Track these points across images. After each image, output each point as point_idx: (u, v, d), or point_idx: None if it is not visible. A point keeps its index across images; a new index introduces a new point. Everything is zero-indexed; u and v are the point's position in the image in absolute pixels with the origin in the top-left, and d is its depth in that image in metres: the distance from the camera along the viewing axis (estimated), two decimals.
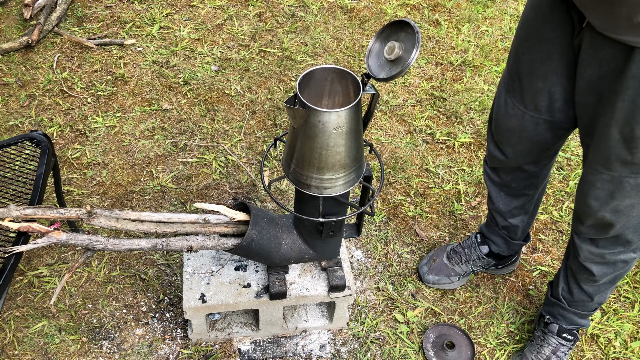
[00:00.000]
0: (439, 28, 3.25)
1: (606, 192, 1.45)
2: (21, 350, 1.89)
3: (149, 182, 2.40)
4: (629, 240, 1.57)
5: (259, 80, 2.88)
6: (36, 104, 2.68)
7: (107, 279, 2.09)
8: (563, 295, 1.82)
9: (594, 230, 1.58)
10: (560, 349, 1.87)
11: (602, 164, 1.42)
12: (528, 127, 1.61)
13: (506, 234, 1.99)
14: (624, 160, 1.37)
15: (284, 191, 2.41)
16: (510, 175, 1.82)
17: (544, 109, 1.54)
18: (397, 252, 2.24)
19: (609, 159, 1.39)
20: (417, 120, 2.74)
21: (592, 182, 1.47)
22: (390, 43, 1.24)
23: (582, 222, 1.59)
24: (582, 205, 1.55)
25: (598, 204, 1.49)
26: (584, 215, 1.56)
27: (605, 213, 1.49)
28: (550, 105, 1.53)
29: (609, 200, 1.46)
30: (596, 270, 1.67)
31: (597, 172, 1.44)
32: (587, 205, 1.52)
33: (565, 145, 2.64)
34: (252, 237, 1.55)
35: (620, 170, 1.39)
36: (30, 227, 1.41)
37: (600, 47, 1.30)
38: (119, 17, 3.17)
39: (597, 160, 1.44)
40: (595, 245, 1.62)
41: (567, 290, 1.80)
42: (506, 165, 1.79)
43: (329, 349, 1.96)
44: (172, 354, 1.91)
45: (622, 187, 1.42)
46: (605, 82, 1.33)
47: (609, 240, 1.59)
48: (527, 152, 1.70)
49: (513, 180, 1.83)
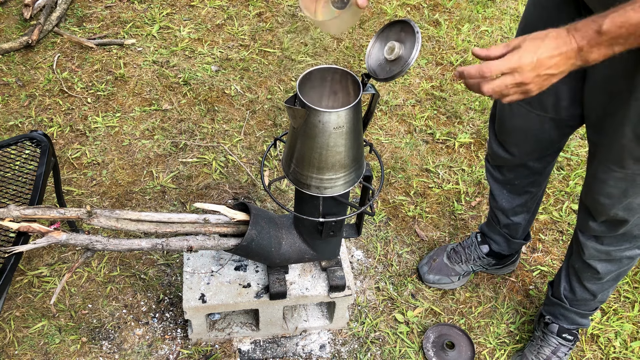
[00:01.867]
0: (439, 28, 3.25)
1: (619, 190, 1.45)
2: (21, 350, 1.89)
3: (149, 182, 2.40)
4: (636, 235, 1.57)
5: (259, 80, 2.88)
6: (36, 104, 2.68)
7: (107, 279, 2.09)
8: (565, 294, 1.82)
9: (606, 227, 1.58)
10: (560, 349, 1.87)
11: (614, 162, 1.42)
12: (534, 125, 1.61)
13: (507, 233, 1.99)
14: (638, 158, 1.37)
15: (284, 191, 2.41)
16: (513, 172, 1.83)
17: (550, 107, 1.55)
18: (397, 252, 2.24)
19: (622, 157, 1.39)
20: (417, 120, 2.74)
21: (603, 180, 1.47)
22: (390, 43, 1.24)
23: (593, 219, 1.59)
24: (593, 204, 1.55)
25: (611, 202, 1.49)
26: (596, 212, 1.56)
27: (618, 211, 1.49)
28: (556, 103, 1.53)
29: (622, 198, 1.46)
30: (601, 268, 1.67)
31: (610, 170, 1.44)
32: (599, 203, 1.52)
33: (565, 145, 2.64)
34: (252, 237, 1.55)
35: (634, 167, 1.39)
36: (30, 227, 1.41)
37: None
38: (119, 17, 3.17)
39: (609, 159, 1.43)
40: (601, 243, 1.62)
41: (569, 290, 1.80)
42: (510, 163, 1.80)
43: (329, 349, 1.96)
44: (172, 354, 1.91)
45: (636, 185, 1.42)
46: (616, 81, 1.33)
47: (616, 237, 1.59)
48: (532, 150, 1.71)
49: (516, 177, 1.83)
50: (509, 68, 1.09)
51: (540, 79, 1.10)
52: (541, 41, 1.08)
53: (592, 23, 1.04)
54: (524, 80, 1.09)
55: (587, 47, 1.05)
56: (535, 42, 1.08)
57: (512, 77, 1.09)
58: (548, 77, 1.10)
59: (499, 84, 1.11)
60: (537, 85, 1.11)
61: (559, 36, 1.07)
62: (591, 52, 1.06)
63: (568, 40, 1.07)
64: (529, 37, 1.10)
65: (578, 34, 1.06)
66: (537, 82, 1.10)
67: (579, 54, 1.07)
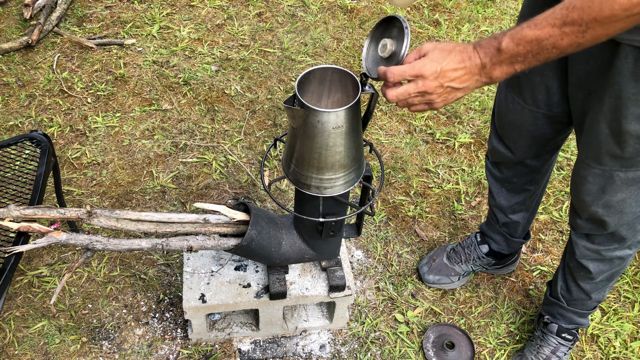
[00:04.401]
0: (439, 28, 3.25)
1: (597, 186, 1.47)
2: (21, 350, 1.89)
3: (149, 182, 2.40)
4: (624, 236, 1.58)
5: (259, 80, 2.88)
6: (36, 104, 2.68)
7: (107, 279, 2.09)
8: (562, 293, 1.83)
9: (590, 225, 1.59)
10: (559, 349, 1.87)
11: (592, 158, 1.44)
12: (527, 121, 1.63)
13: (506, 232, 2.00)
14: (614, 154, 1.38)
15: (284, 191, 2.41)
16: (511, 170, 1.83)
17: (542, 103, 1.56)
18: (397, 252, 2.25)
19: (599, 153, 1.41)
20: (417, 120, 2.74)
21: (584, 177, 1.49)
22: (383, 41, 1.24)
23: (579, 216, 1.61)
24: (577, 200, 1.57)
25: (590, 199, 1.50)
26: (579, 209, 1.58)
27: (597, 208, 1.51)
28: (548, 99, 1.55)
29: (601, 194, 1.48)
30: (592, 267, 1.68)
31: (589, 167, 1.46)
32: (581, 200, 1.54)
33: (565, 145, 2.64)
34: (252, 237, 1.55)
35: (611, 164, 1.41)
36: (30, 227, 1.41)
37: None
38: (119, 17, 3.17)
39: (588, 155, 1.45)
40: (591, 242, 1.63)
41: (566, 289, 1.81)
42: (508, 160, 1.80)
43: (329, 349, 1.96)
44: (172, 354, 1.91)
45: (613, 182, 1.44)
46: (593, 78, 1.35)
47: (605, 236, 1.60)
48: (528, 146, 1.72)
49: (515, 175, 1.84)
50: (411, 75, 1.10)
51: (444, 90, 1.10)
52: (448, 53, 1.08)
53: (494, 40, 1.05)
54: (427, 90, 1.10)
55: (490, 65, 1.06)
56: (442, 53, 1.09)
57: (415, 85, 1.10)
58: (452, 91, 1.11)
59: (403, 91, 1.12)
60: (441, 98, 1.12)
61: (464, 51, 1.08)
62: (494, 69, 1.07)
63: (473, 55, 1.07)
64: (438, 46, 1.10)
65: (482, 50, 1.07)
66: (440, 94, 1.11)
67: (483, 70, 1.08)
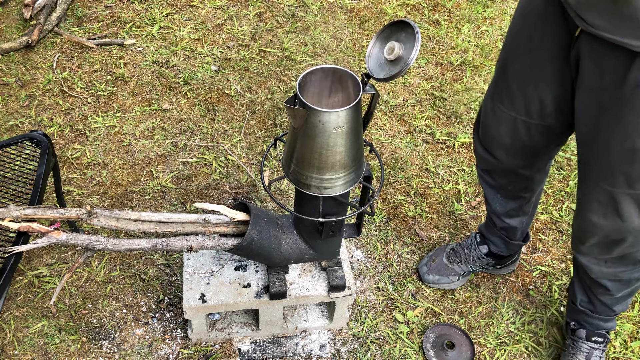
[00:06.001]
0: (439, 28, 3.25)
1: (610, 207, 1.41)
2: (21, 350, 1.89)
3: (149, 182, 2.40)
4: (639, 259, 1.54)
5: (259, 80, 2.88)
6: (36, 104, 2.68)
7: (107, 279, 2.09)
8: (583, 306, 1.81)
9: (597, 249, 1.55)
10: (593, 353, 1.84)
11: (604, 178, 1.38)
12: (520, 131, 1.59)
13: (505, 235, 1.99)
14: (627, 174, 1.33)
15: (284, 191, 2.41)
16: (505, 177, 1.81)
17: (536, 114, 1.53)
18: (397, 252, 2.24)
19: (612, 173, 1.36)
20: (417, 120, 2.74)
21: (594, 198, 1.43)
22: (390, 43, 1.24)
23: (582, 242, 1.55)
24: (584, 223, 1.50)
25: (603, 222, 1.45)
26: (587, 234, 1.52)
27: (609, 231, 1.45)
28: (541, 110, 1.51)
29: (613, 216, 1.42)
30: (611, 286, 1.66)
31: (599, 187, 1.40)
32: (590, 222, 1.48)
33: (565, 145, 2.64)
34: (252, 237, 1.55)
35: (623, 185, 1.36)
36: (30, 227, 1.41)
37: (601, 56, 1.27)
38: (119, 17, 3.17)
39: (599, 175, 1.40)
40: (605, 266, 1.59)
41: (588, 301, 1.79)
42: (499, 168, 1.78)
43: (329, 348, 1.96)
44: (172, 354, 1.91)
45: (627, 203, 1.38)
46: (607, 93, 1.29)
47: (617, 259, 1.55)
48: (520, 156, 1.68)
49: (509, 183, 1.82)
50: None
51: None
52: None
53: None
54: None
55: None
56: None
57: None
58: None
59: None
60: None
61: None
62: None
63: None
64: None
65: None
66: None
67: None
